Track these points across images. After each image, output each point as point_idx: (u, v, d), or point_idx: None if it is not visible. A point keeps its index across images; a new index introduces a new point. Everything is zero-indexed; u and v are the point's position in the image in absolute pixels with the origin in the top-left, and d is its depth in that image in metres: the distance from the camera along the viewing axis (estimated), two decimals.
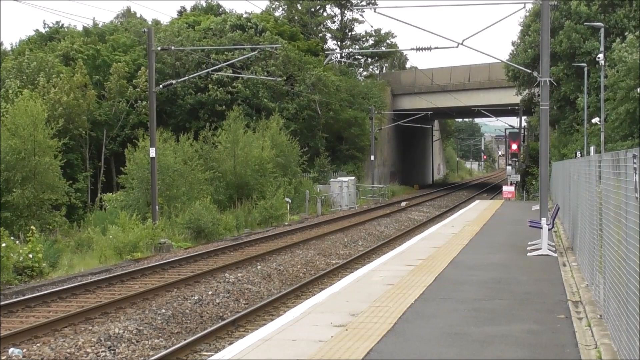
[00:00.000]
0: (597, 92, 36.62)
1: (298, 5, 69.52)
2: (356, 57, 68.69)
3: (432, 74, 64.31)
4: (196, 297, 15.55)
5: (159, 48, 31.87)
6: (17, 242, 21.47)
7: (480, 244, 18.55)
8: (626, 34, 36.55)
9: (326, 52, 58.71)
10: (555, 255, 16.23)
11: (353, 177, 49.59)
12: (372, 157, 55.76)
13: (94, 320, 13.60)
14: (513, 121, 69.31)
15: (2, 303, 14.86)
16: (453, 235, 20.75)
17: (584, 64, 37.61)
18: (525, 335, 8.78)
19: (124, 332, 12.51)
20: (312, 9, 69.54)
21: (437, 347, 8.23)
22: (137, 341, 12.34)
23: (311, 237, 26.96)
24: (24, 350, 11.61)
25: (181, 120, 49.40)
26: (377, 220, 34.73)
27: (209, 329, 12.93)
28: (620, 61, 32.74)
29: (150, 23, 59.71)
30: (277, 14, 67.93)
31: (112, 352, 11.66)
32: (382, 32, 72.16)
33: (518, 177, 46.96)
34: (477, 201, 43.19)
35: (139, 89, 45.31)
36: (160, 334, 12.96)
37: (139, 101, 45.51)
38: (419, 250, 17.38)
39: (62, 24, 58.63)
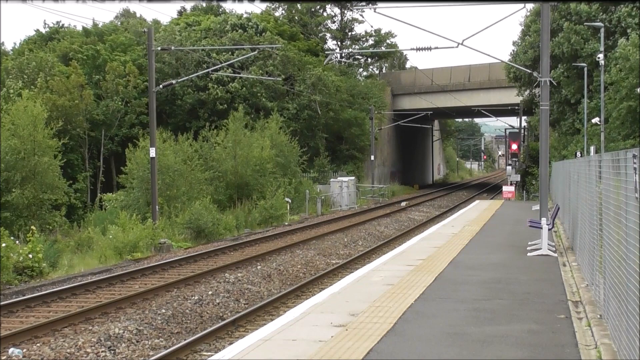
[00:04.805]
0: (599, 93, 36.34)
1: (298, 5, 69.51)
2: (356, 57, 68.65)
3: (432, 74, 64.31)
4: (196, 297, 15.54)
5: (159, 48, 31.85)
6: (17, 242, 21.48)
7: (480, 244, 18.54)
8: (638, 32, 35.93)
9: (326, 52, 58.65)
10: (555, 255, 16.23)
11: (353, 177, 49.58)
12: (372, 157, 55.73)
13: (94, 320, 13.60)
14: (513, 121, 69.35)
15: (2, 303, 14.86)
16: (453, 235, 20.75)
17: (584, 64, 37.37)
18: (525, 335, 8.78)
19: (124, 332, 12.52)
20: (312, 9, 69.51)
21: (437, 347, 8.23)
22: (137, 341, 12.34)
23: (311, 237, 26.96)
24: (24, 350, 11.61)
25: (181, 120, 49.42)
26: (377, 220, 34.72)
27: (209, 329, 12.93)
28: (626, 58, 32.36)
29: (150, 23, 59.70)
30: (277, 14, 67.93)
31: (112, 352, 11.66)
32: (382, 32, 72.11)
33: (518, 177, 46.95)
34: (477, 201, 43.18)
35: (129, 87, 45.31)
36: (160, 334, 12.96)
37: (133, 99, 45.47)
38: (419, 250, 17.38)
39: (62, 24, 58.67)
